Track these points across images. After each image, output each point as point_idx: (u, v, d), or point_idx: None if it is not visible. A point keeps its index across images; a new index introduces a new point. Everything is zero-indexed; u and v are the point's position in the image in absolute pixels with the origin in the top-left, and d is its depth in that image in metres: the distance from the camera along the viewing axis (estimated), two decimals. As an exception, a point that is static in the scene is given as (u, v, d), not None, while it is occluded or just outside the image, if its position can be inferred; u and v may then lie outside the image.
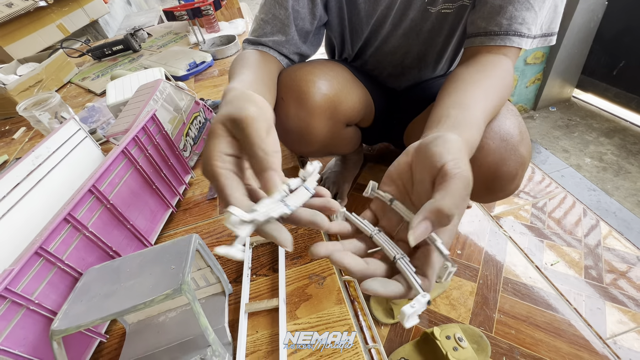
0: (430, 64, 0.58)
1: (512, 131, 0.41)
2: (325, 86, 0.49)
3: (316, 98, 0.48)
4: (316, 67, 0.50)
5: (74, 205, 0.39)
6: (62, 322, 0.32)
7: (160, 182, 0.54)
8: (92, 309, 0.32)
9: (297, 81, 0.48)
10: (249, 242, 0.50)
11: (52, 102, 0.76)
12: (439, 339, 0.54)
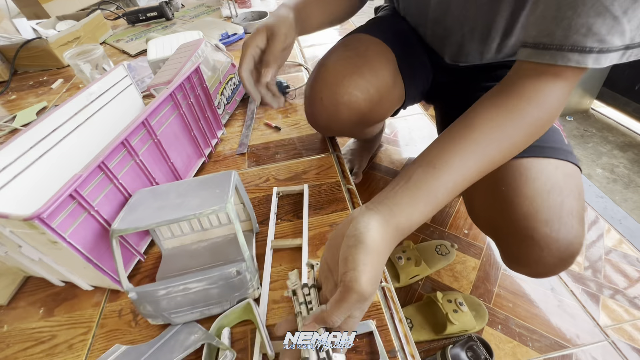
0: (493, 39, 0.50)
1: (572, 232, 0.41)
2: (360, 96, 0.50)
3: (346, 109, 0.50)
4: (359, 66, 0.50)
5: (129, 133, 0.43)
6: (120, 224, 0.36)
7: (197, 130, 0.59)
8: (146, 217, 0.37)
9: (333, 86, 0.49)
10: (276, 191, 0.54)
11: (96, 53, 0.80)
12: (440, 302, 0.58)
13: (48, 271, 0.43)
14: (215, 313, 0.39)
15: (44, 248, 0.37)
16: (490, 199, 0.49)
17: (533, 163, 0.46)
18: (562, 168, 0.46)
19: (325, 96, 0.50)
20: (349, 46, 0.53)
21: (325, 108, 0.51)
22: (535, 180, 0.45)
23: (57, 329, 0.42)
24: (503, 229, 0.49)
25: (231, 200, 0.37)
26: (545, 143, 0.47)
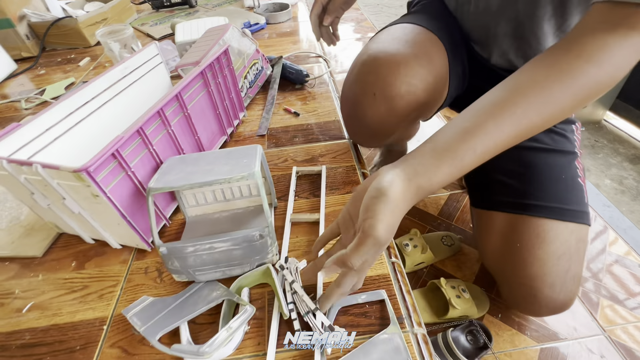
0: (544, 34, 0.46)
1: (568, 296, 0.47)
2: (420, 86, 0.44)
3: (404, 103, 0.44)
4: (415, 53, 0.44)
5: (164, 103, 0.46)
6: (156, 183, 0.39)
7: (222, 109, 0.62)
8: (180, 179, 0.40)
9: (388, 76, 0.43)
10: (295, 170, 0.57)
11: (126, 33, 0.84)
12: (444, 287, 0.61)
13: (82, 227, 0.47)
14: (236, 274, 0.42)
15: (85, 202, 0.40)
16: (503, 249, 0.51)
17: (552, 225, 0.47)
18: (576, 233, 0.48)
19: (380, 89, 0.43)
20: (397, 35, 0.48)
21: (378, 104, 0.44)
22: (550, 244, 0.47)
23: (88, 280, 0.45)
24: (509, 280, 0.53)
25: (258, 168, 0.40)
26: (568, 204, 0.49)
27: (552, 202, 0.49)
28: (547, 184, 0.50)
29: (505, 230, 0.52)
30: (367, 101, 0.45)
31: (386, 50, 0.44)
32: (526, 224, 0.49)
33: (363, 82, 0.45)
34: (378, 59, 0.44)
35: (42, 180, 0.38)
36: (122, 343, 0.38)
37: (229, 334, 0.35)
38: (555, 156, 0.52)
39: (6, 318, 0.42)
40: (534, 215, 0.49)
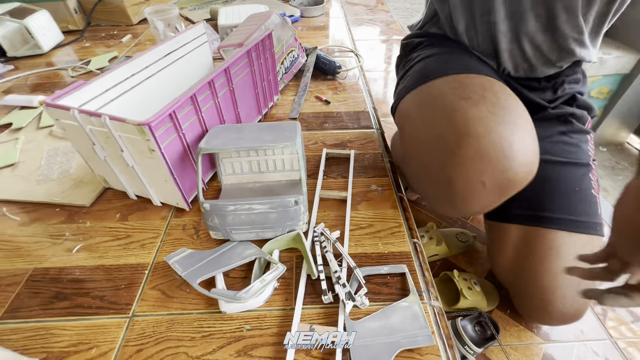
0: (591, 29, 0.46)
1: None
2: (535, 159, 0.38)
3: (519, 186, 0.38)
4: (512, 120, 0.37)
5: (214, 76, 0.50)
6: (206, 144, 0.43)
7: (260, 89, 0.65)
8: (228, 143, 0.43)
9: (501, 161, 0.36)
10: (325, 152, 0.60)
11: (172, 13, 0.88)
12: (457, 278, 0.63)
13: (129, 182, 0.51)
14: (268, 237, 0.45)
15: (139, 157, 0.44)
16: (516, 261, 0.52)
17: (564, 238, 0.48)
18: (589, 245, 0.48)
19: (492, 178, 0.36)
20: (473, 97, 0.40)
21: (488, 193, 0.37)
22: (562, 257, 0.47)
23: (131, 230, 0.49)
24: (521, 292, 0.54)
25: (299, 139, 0.43)
26: (580, 216, 0.49)
27: (564, 215, 0.50)
28: (561, 197, 0.50)
29: (518, 243, 0.53)
30: (473, 190, 0.37)
31: (478, 126, 0.36)
32: (539, 236, 0.50)
33: (467, 170, 0.37)
34: (477, 139, 0.36)
35: (105, 132, 0.42)
36: (161, 286, 0.42)
37: (262, 285, 0.38)
38: (569, 169, 0.52)
39: (58, 255, 0.46)
40: (546, 227, 0.49)
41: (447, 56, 0.53)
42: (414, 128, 0.46)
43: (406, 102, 0.51)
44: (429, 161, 0.41)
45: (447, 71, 0.47)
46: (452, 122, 0.39)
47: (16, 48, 1.03)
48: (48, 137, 0.67)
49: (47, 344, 0.37)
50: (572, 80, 0.58)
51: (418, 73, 0.53)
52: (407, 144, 0.47)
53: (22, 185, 0.56)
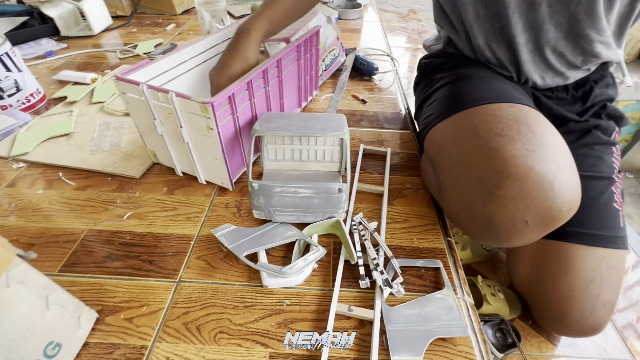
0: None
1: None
2: (577, 197, 0.38)
3: (562, 222, 0.38)
4: (554, 158, 0.38)
5: (267, 66, 0.52)
6: (260, 127, 0.45)
7: (303, 83, 0.68)
8: (281, 127, 0.46)
9: (543, 201, 0.36)
10: (362, 148, 0.62)
11: (220, 6, 0.92)
12: (480, 284, 0.63)
13: (178, 159, 0.54)
14: (308, 221, 0.47)
15: (195, 134, 0.47)
16: (532, 273, 0.53)
17: (580, 251, 0.48)
18: (608, 259, 0.48)
19: (535, 217, 0.37)
20: (508, 132, 0.41)
21: (531, 231, 0.38)
22: (579, 270, 0.47)
23: (177, 204, 0.52)
24: (539, 303, 0.54)
25: (347, 131, 0.45)
26: (598, 230, 0.48)
27: (582, 228, 0.49)
28: (579, 210, 0.47)
29: (535, 255, 0.53)
30: (516, 228, 0.38)
31: (528, 166, 0.37)
32: (554, 249, 0.50)
33: (509, 210, 0.37)
34: (524, 180, 0.36)
35: (167, 108, 0.45)
36: (206, 257, 0.44)
37: (305, 264, 0.40)
38: (590, 182, 0.51)
39: (110, 220, 0.49)
40: (562, 240, 0.49)
41: (475, 81, 0.53)
42: (449, 165, 0.46)
43: (437, 132, 0.51)
44: (468, 199, 0.42)
45: (477, 100, 0.48)
46: (489, 163, 0.39)
47: (69, 28, 1.09)
48: (99, 112, 0.71)
49: (102, 298, 0.40)
50: (602, 85, 0.58)
51: (446, 100, 0.54)
52: (444, 180, 0.48)
53: (76, 154, 0.60)
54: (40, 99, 0.74)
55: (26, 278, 0.29)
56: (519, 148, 0.38)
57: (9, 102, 0.68)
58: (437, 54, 0.66)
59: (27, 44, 1.00)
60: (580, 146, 0.55)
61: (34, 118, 0.68)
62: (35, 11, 1.07)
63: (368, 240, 0.45)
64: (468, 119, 0.47)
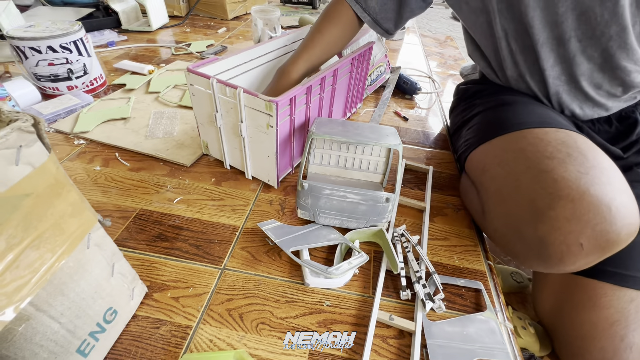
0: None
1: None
2: (635, 220, 0.37)
3: (621, 246, 0.37)
4: (608, 181, 0.37)
5: (324, 75, 0.54)
6: (317, 130, 0.47)
7: (351, 94, 0.70)
8: (337, 132, 0.47)
9: (600, 223, 0.35)
10: (404, 163, 0.63)
11: (274, 15, 0.97)
12: (511, 316, 0.61)
13: (230, 152, 0.56)
14: (351, 227, 0.48)
15: (254, 130, 0.49)
16: (556, 307, 0.51)
17: (607, 290, 0.45)
18: (637, 301, 0.45)
19: (590, 240, 0.36)
20: (558, 155, 0.41)
21: (586, 254, 0.37)
22: (603, 309, 0.45)
23: (224, 195, 0.53)
24: (561, 337, 0.52)
25: (400, 142, 0.46)
26: (630, 271, 0.46)
27: (612, 267, 0.47)
28: None
29: (560, 288, 0.51)
30: (570, 251, 0.37)
31: (582, 189, 0.36)
32: (581, 285, 0.48)
33: (563, 232, 0.36)
34: (578, 202, 0.36)
35: (231, 102, 0.47)
36: (249, 249, 0.46)
37: (349, 267, 0.41)
38: None
39: (161, 202, 0.51)
40: (589, 277, 0.47)
41: (518, 107, 0.53)
42: (495, 186, 0.46)
43: (481, 154, 0.51)
44: (517, 220, 0.41)
45: (521, 124, 0.47)
46: (540, 184, 0.39)
47: (130, 22, 1.16)
48: (154, 102, 0.75)
49: (151, 274, 0.41)
50: None
51: (489, 124, 0.54)
52: (488, 201, 0.47)
53: (132, 137, 0.63)
54: (101, 84, 0.79)
55: (103, 242, 0.30)
56: (570, 170, 0.38)
57: (75, 84, 0.73)
58: (476, 80, 0.67)
59: (91, 33, 1.08)
60: None
61: (95, 100, 0.73)
62: (101, 4, 1.15)
63: (410, 252, 0.45)
64: (514, 142, 0.47)
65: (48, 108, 0.67)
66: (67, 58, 0.69)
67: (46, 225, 0.24)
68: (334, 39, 0.59)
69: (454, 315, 0.40)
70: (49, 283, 0.25)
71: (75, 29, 0.70)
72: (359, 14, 0.58)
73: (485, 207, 0.48)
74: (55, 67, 0.69)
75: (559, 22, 0.47)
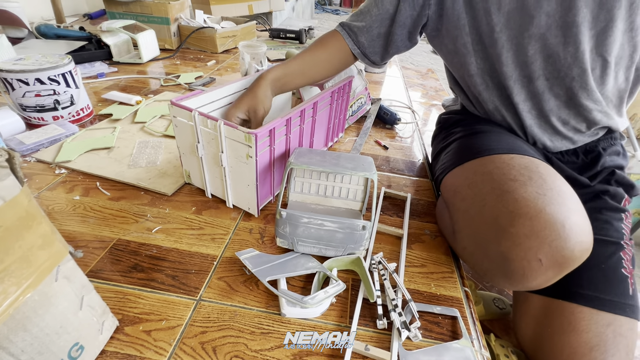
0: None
1: None
2: (589, 240, 0.40)
3: (576, 263, 0.39)
4: (563, 202, 0.40)
5: (304, 108, 0.57)
6: (296, 161, 0.49)
7: (332, 125, 0.73)
8: (315, 163, 0.49)
9: (556, 240, 0.38)
10: (383, 191, 0.65)
11: (261, 50, 1.02)
12: (493, 343, 0.61)
13: (211, 181, 0.57)
14: (329, 255, 0.49)
15: (234, 160, 0.50)
16: (537, 331, 0.52)
17: (585, 314, 0.47)
18: (614, 326, 0.46)
19: (548, 256, 0.38)
20: (520, 178, 0.44)
21: (545, 270, 0.39)
22: (582, 334, 0.46)
23: (204, 224, 0.54)
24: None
25: (375, 172, 0.48)
26: (605, 294, 0.47)
27: (588, 290, 0.48)
28: (585, 272, 0.48)
29: (539, 313, 0.52)
30: (531, 267, 0.39)
31: (539, 207, 0.39)
32: (560, 309, 0.49)
33: (523, 247, 0.39)
34: (535, 219, 0.38)
35: (212, 133, 0.49)
36: (227, 279, 0.45)
37: (326, 296, 0.41)
38: (596, 245, 0.49)
39: (139, 232, 0.51)
40: (568, 300, 0.49)
41: (491, 135, 0.57)
42: (465, 206, 0.48)
43: (454, 177, 0.54)
44: (482, 238, 0.43)
45: (492, 150, 0.51)
46: (502, 203, 0.42)
47: (121, 55, 1.20)
48: (140, 131, 0.76)
49: (124, 306, 0.41)
50: (611, 152, 0.60)
51: (463, 149, 0.57)
52: (459, 220, 0.49)
53: (115, 167, 0.63)
54: (88, 114, 0.80)
55: (72, 274, 0.30)
56: (530, 191, 0.41)
57: (62, 114, 0.74)
58: (458, 111, 0.71)
59: (82, 65, 1.11)
60: (587, 210, 0.55)
61: (80, 130, 0.73)
62: (94, 38, 1.19)
63: (387, 280, 0.45)
64: (483, 166, 0.50)
65: (31, 138, 0.67)
66: (54, 89, 0.71)
67: (13, 258, 0.24)
68: (318, 60, 0.63)
69: (431, 343, 0.40)
70: (11, 318, 0.25)
71: (65, 62, 0.72)
72: (350, 46, 0.63)
73: (455, 227, 0.50)
74: (42, 98, 0.71)
75: (529, 62, 0.52)
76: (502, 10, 0.50)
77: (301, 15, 3.47)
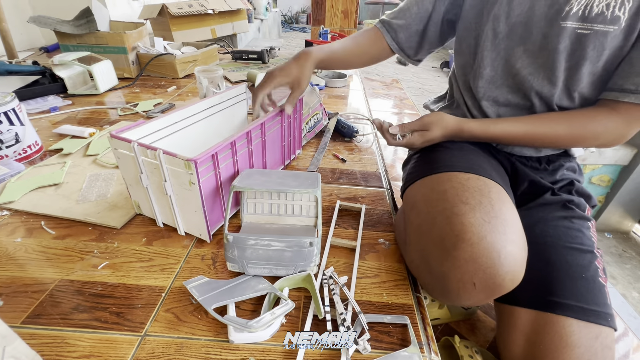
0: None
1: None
2: (521, 270, 0.42)
3: (504, 290, 0.41)
4: (504, 231, 0.42)
5: (251, 129, 0.58)
6: (239, 183, 0.49)
7: (286, 143, 0.74)
8: (258, 183, 0.49)
9: (489, 268, 0.40)
10: (338, 204, 0.66)
11: (217, 73, 1.03)
12: (457, 345, 0.62)
13: (160, 210, 0.56)
14: (280, 274, 0.48)
15: (178, 188, 0.50)
16: (528, 350, 0.50)
17: (575, 327, 0.47)
18: (601, 338, 0.47)
19: (481, 281, 0.40)
20: (471, 202, 0.45)
21: (478, 293, 0.41)
22: (575, 349, 0.46)
23: (154, 255, 0.53)
24: None
25: (319, 188, 0.49)
26: (590, 304, 0.48)
27: (574, 301, 0.48)
28: (569, 282, 0.49)
29: (528, 330, 0.51)
30: (465, 288, 0.41)
31: (482, 235, 0.41)
32: (550, 324, 0.48)
33: (461, 270, 0.41)
34: (476, 246, 0.40)
35: (154, 163, 0.49)
36: (175, 310, 0.44)
37: (272, 318, 0.41)
38: (575, 253, 0.52)
39: (84, 270, 0.49)
40: (556, 313, 0.48)
41: (454, 150, 0.60)
42: (418, 221, 0.50)
43: (414, 190, 0.56)
44: (428, 255, 0.45)
45: (451, 167, 0.53)
46: (450, 226, 0.43)
47: (76, 87, 1.18)
48: (92, 164, 0.75)
49: (61, 352, 0.39)
50: (569, 168, 0.64)
51: (426, 162, 0.59)
52: (411, 234, 0.51)
53: (62, 203, 0.62)
54: (36, 150, 0.78)
55: (-13, 326, 0.29)
56: (477, 217, 0.43)
57: (6, 153, 0.72)
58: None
59: (34, 99, 1.08)
60: (560, 219, 0.56)
61: (27, 168, 0.71)
62: (48, 71, 1.17)
63: (337, 294, 0.46)
64: (441, 183, 0.51)
65: (-28, 180, 0.65)
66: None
67: None
68: (359, 51, 0.72)
69: (381, 354, 0.41)
70: None
71: (7, 100, 0.70)
72: (388, 42, 0.70)
73: (407, 239, 0.51)
74: (-17, 138, 0.68)
75: (513, 73, 0.58)
76: (509, 20, 0.55)
77: (268, 35, 3.54)
